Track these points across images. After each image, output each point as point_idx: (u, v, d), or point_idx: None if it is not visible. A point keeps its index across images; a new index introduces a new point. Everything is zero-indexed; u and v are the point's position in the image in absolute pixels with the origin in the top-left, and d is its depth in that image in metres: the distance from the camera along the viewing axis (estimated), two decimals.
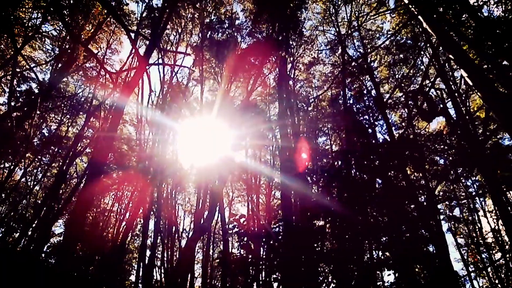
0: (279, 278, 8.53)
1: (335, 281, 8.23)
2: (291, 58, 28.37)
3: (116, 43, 30.53)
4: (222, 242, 34.28)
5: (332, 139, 33.50)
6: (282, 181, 17.45)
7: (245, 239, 7.97)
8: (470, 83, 9.43)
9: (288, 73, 25.98)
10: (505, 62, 19.51)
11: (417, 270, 31.00)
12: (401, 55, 28.00)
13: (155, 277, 35.56)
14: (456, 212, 34.47)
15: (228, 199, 39.38)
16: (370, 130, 25.69)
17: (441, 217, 31.74)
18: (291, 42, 27.16)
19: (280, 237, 8.49)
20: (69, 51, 25.41)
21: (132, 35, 22.27)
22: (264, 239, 8.38)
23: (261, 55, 23.63)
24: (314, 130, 32.47)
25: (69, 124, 32.21)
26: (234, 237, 22.48)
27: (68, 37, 24.56)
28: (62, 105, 31.58)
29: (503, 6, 23.62)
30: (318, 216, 8.31)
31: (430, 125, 31.55)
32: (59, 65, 25.62)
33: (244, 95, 29.84)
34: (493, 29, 16.25)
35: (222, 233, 26.93)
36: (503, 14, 24.22)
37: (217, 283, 39.72)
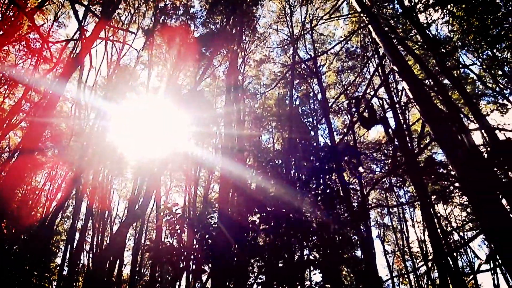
0: (208, 270, 8.47)
1: (264, 277, 8.26)
2: (243, 53, 28.34)
3: (65, 17, 29.35)
4: (155, 231, 33.85)
5: (275, 138, 33.80)
6: (222, 174, 17.40)
7: (177, 228, 7.84)
8: (411, 96, 9.74)
9: (238, 67, 25.93)
10: (446, 81, 20.36)
11: (344, 272, 31.86)
12: (350, 63, 28.67)
13: (82, 261, 34.58)
14: (387, 220, 35.75)
15: (165, 188, 38.86)
16: (312, 133, 26.15)
17: (372, 223, 32.85)
18: (244, 37, 27.12)
19: (213, 229, 8.42)
20: (12, 19, 24.15)
21: (79, 9, 21.47)
22: (196, 230, 8.29)
23: (213, 46, 23.43)
24: (259, 127, 32.62)
25: (5, 94, 30.63)
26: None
27: (11, 4, 23.35)
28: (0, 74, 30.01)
29: (449, 26, 24.65)
30: (251, 211, 8.33)
31: (369, 133, 32.52)
32: (0, 32, 24.29)
33: (192, 85, 29.51)
34: (437, 47, 16.90)
35: (156, 221, 26.56)
36: (448, 34, 25.30)
37: (146, 272, 39.19)
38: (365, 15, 12.97)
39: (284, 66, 30.57)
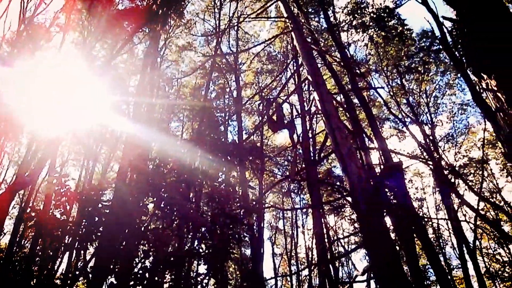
0: (94, 248, 8.20)
1: (150, 262, 8.13)
2: (166, 36, 27.76)
3: None
4: (43, 202, 32.09)
5: (185, 127, 33.47)
6: (124, 154, 16.87)
7: (63, 200, 7.47)
8: (319, 108, 10.09)
9: (158, 49, 25.32)
10: (355, 101, 21.29)
11: (231, 268, 32.20)
12: (269, 66, 29.15)
13: None
14: (280, 224, 36.75)
15: (62, 160, 36.96)
16: (222, 128, 26.25)
17: (266, 225, 33.61)
18: (169, 20, 26.55)
19: (105, 208, 8.14)
20: None
21: None
22: (85, 206, 7.97)
23: (136, 22, 22.70)
24: (170, 113, 32.11)
25: None
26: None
27: None
28: None
29: (367, 49, 25.94)
30: (147, 194, 8.18)
31: (276, 137, 33.26)
32: None
33: (107, 57, 28.34)
34: (350, 68, 17.70)
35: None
36: (365, 57, 26.58)
37: (27, 244, 37.07)
38: (290, 22, 13.24)
39: (205, 57, 30.35)
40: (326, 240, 19.58)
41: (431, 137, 23.92)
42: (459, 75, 24.45)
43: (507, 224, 35.65)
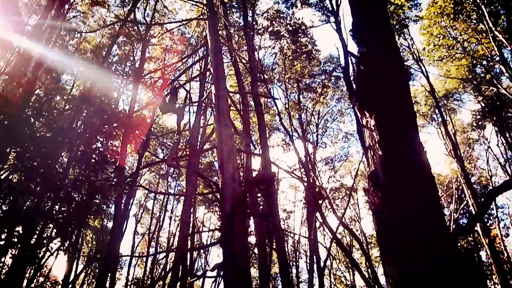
0: None
1: None
2: None
3: None
4: None
5: (76, 83, 31.72)
6: None
7: None
8: (213, 101, 10.18)
9: None
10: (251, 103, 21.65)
11: (88, 237, 31.05)
12: (179, 47, 28.68)
13: None
14: (150, 204, 36.27)
15: None
16: (116, 94, 25.35)
17: (135, 201, 32.94)
18: None
19: None
20: None
21: None
22: None
23: None
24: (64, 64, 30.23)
25: None
26: None
27: None
28: None
29: (275, 57, 26.51)
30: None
31: (168, 118, 32.84)
32: None
33: None
34: (254, 72, 18.03)
35: None
36: (272, 64, 27.18)
37: None
38: (207, 9, 13.18)
39: (116, 18, 29.06)
40: (190, 229, 19.69)
41: (312, 156, 25.11)
42: (351, 106, 25.94)
43: (358, 251, 38.53)
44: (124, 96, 28.49)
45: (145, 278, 31.47)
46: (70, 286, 23.02)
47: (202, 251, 30.27)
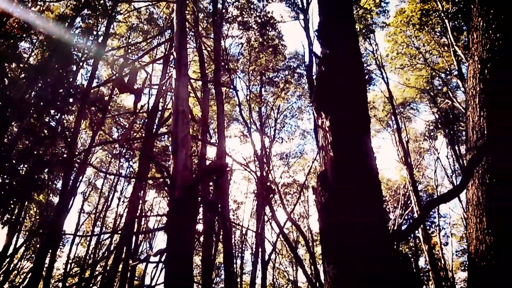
0: None
1: None
2: None
3: None
4: None
5: (35, 52, 30.64)
6: None
7: None
8: (173, 85, 10.07)
9: None
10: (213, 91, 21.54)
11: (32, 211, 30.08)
12: (146, 26, 28.17)
13: None
14: (100, 183, 35.61)
15: None
16: (75, 68, 24.61)
17: (84, 179, 32.22)
18: None
19: None
20: None
21: None
22: None
23: None
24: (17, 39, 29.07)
25: None
26: None
27: None
28: None
29: (242, 47, 26.42)
30: None
31: (128, 98, 32.22)
32: None
33: None
34: (218, 60, 17.93)
35: None
36: (237, 54, 27.05)
37: None
38: None
39: None
40: (138, 212, 19.46)
41: (267, 150, 25.25)
42: (311, 104, 26.21)
43: (303, 247, 39.13)
44: (84, 70, 27.71)
45: (87, 257, 30.92)
46: (7, 259, 22.37)
47: (147, 235, 30.01)
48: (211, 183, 15.59)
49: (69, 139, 13.67)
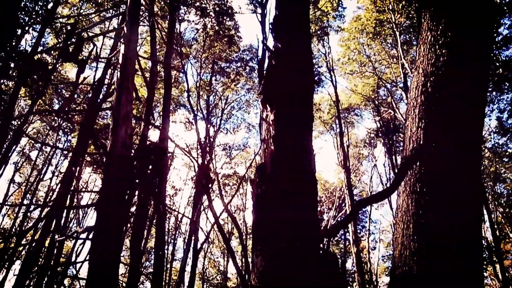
0: None
1: None
2: None
3: None
4: None
5: None
6: None
7: None
8: (120, 61, 9.86)
9: None
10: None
11: None
12: None
13: None
14: (34, 154, 34.35)
15: None
16: (19, 32, 23.52)
17: (18, 149, 30.95)
18: None
19: None
20: None
21: None
22: None
23: None
24: None
25: None
26: None
27: None
28: None
29: (197, 33, 26.07)
30: None
31: (72, 70, 31.16)
32: None
33: None
34: (171, 42, 17.67)
35: None
36: (191, 39, 26.66)
37: None
38: None
39: None
40: (73, 187, 18.95)
41: (211, 139, 25.20)
42: (258, 98, 26.35)
43: (236, 239, 39.42)
44: (29, 36, 26.53)
45: (14, 229, 29.74)
46: None
47: (78, 212, 29.26)
48: (150, 166, 15.38)
49: (6, 105, 13.08)
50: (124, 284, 19.16)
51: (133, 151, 9.73)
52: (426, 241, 3.58)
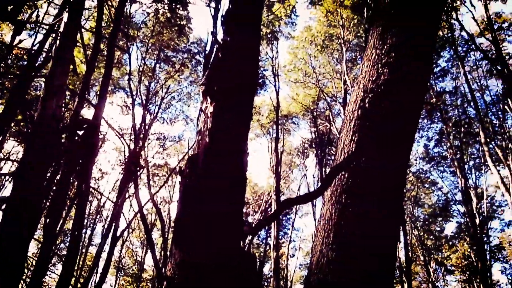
0: None
1: None
2: None
3: None
4: None
5: None
6: None
7: None
8: (61, 29, 9.45)
9: None
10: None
11: None
12: None
13: None
14: None
15: None
16: None
17: None
18: None
19: None
20: None
21: None
22: None
23: None
24: None
25: None
26: None
27: None
28: None
29: (147, 16, 25.54)
30: None
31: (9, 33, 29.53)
32: None
33: None
34: (119, 23, 17.14)
35: None
36: (140, 23, 26.10)
37: None
38: None
39: None
40: None
41: (147, 126, 24.67)
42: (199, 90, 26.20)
43: (158, 231, 38.89)
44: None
45: None
46: None
47: None
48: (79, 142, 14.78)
49: None
50: (34, 263, 18.31)
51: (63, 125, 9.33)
52: (344, 251, 3.65)
